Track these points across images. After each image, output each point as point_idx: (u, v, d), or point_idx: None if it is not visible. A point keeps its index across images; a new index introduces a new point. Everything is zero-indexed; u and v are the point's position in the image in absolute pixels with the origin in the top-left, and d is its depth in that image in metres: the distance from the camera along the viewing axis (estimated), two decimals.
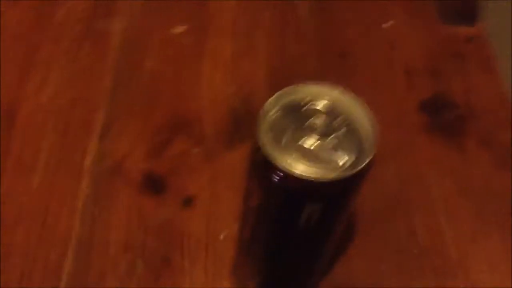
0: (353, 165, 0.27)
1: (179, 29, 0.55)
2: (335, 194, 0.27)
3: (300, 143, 0.27)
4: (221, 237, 0.42)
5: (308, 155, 0.27)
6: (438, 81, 0.53)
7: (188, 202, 0.44)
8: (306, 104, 0.28)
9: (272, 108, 0.28)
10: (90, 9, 0.56)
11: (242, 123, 0.49)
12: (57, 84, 0.50)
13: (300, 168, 0.26)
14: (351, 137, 0.28)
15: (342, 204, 0.29)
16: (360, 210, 0.44)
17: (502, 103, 0.53)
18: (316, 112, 0.28)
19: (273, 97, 0.28)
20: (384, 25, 0.57)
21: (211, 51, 0.54)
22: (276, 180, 0.27)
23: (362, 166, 0.27)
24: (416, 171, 0.47)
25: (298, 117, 0.28)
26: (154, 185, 0.45)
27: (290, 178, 0.26)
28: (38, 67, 0.51)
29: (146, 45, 0.53)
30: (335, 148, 0.27)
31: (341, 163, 0.27)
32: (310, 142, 0.27)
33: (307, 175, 0.26)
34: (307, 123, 0.28)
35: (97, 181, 0.45)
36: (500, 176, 0.47)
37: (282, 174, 0.26)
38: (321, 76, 0.53)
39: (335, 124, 0.28)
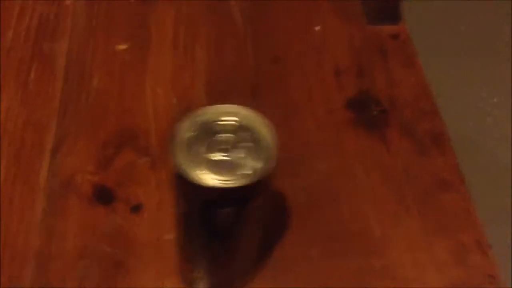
0: (260, 172, 0.32)
1: (122, 47, 0.59)
2: (245, 197, 0.32)
3: (211, 157, 0.32)
4: (167, 237, 0.46)
5: (219, 168, 0.31)
6: (363, 79, 0.58)
7: (136, 209, 0.48)
8: (216, 123, 0.33)
9: (185, 128, 0.32)
10: (34, 32, 0.59)
11: None
12: (9, 107, 0.54)
13: (212, 180, 0.31)
14: (256, 149, 0.32)
15: (254, 204, 0.33)
16: (294, 201, 0.49)
17: (422, 95, 0.58)
18: (226, 129, 0.32)
19: (186, 118, 0.33)
20: (315, 29, 0.62)
21: (152, 66, 0.58)
22: (193, 191, 0.31)
23: (264, 173, 0.31)
24: (344, 163, 0.52)
25: (209, 134, 0.32)
26: (104, 196, 0.49)
27: (204, 189, 0.31)
28: None
29: (91, 64, 0.57)
30: (243, 160, 0.32)
31: (249, 172, 0.32)
32: (220, 156, 0.32)
33: (218, 184, 0.31)
34: (218, 140, 0.32)
35: (51, 196, 0.49)
36: (419, 163, 0.53)
37: (197, 186, 0.31)
38: (256, 82, 0.57)
39: (242, 139, 0.32)
